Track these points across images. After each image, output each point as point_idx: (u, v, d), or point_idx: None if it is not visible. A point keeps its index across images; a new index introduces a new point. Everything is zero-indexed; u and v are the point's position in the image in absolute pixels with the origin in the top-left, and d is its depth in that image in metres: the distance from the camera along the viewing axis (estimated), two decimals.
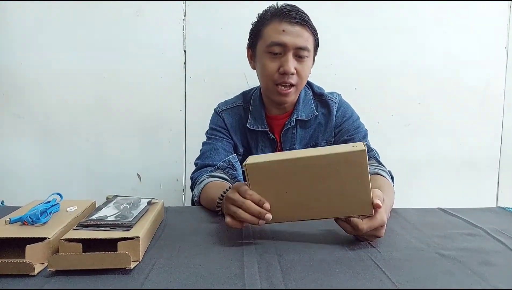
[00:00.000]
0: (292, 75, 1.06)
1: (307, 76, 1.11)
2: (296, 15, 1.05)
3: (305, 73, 1.09)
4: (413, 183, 1.76)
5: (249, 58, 1.18)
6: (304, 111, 1.17)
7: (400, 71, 1.73)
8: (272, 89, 1.09)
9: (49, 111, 1.67)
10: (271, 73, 1.07)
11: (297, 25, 1.05)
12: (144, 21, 1.65)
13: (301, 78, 1.09)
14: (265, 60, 1.08)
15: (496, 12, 1.73)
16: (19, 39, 1.64)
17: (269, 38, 1.06)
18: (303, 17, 1.06)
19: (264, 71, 1.08)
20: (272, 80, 1.08)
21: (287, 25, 1.04)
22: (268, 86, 1.10)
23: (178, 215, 0.90)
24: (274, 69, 1.06)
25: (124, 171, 1.71)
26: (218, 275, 0.57)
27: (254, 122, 1.18)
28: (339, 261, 0.64)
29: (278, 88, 1.07)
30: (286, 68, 1.04)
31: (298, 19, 1.05)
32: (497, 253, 0.68)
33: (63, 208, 0.75)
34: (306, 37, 1.06)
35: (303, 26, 1.05)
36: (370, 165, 1.04)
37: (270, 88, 1.10)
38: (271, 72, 1.07)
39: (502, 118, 1.79)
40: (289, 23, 1.04)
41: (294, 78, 1.07)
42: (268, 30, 1.07)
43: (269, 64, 1.07)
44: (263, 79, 1.12)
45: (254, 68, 1.16)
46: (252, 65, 1.17)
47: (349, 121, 1.18)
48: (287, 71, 1.04)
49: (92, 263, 0.57)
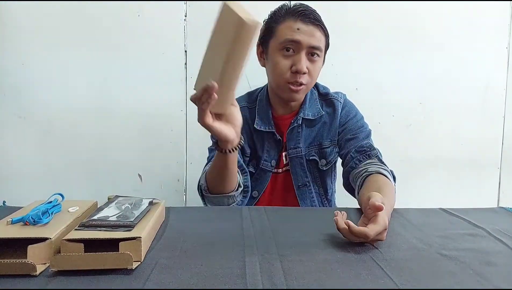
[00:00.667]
0: (304, 74, 1.06)
1: (317, 76, 1.12)
2: (311, 14, 1.06)
3: (316, 73, 1.10)
4: (414, 183, 1.76)
5: (258, 55, 1.18)
6: (310, 110, 1.17)
7: (401, 72, 1.73)
8: (284, 86, 1.09)
9: (50, 111, 1.67)
10: (283, 71, 1.07)
11: (311, 25, 1.05)
12: (145, 21, 1.65)
13: (312, 78, 1.09)
14: (278, 57, 1.08)
15: (497, 12, 1.73)
16: (19, 40, 1.64)
17: (283, 36, 1.06)
18: (317, 17, 1.07)
19: (276, 69, 1.08)
20: (284, 78, 1.08)
21: (301, 23, 1.05)
22: (279, 84, 1.10)
23: (179, 215, 0.90)
24: (287, 67, 1.06)
25: (126, 171, 1.71)
26: (219, 275, 0.57)
27: (261, 122, 1.18)
28: (341, 261, 0.64)
29: (289, 85, 1.08)
30: (298, 67, 1.05)
31: (312, 19, 1.06)
32: (499, 253, 0.68)
33: (65, 208, 0.75)
34: (319, 37, 1.07)
35: (317, 26, 1.06)
36: (372, 164, 1.05)
37: (281, 85, 1.10)
38: (283, 70, 1.07)
39: (504, 118, 1.79)
40: (303, 22, 1.05)
41: (305, 78, 1.07)
42: (282, 28, 1.07)
43: (281, 61, 1.07)
44: (274, 77, 1.11)
45: (264, 66, 1.16)
46: (262, 62, 1.17)
47: (353, 120, 1.18)
48: (299, 70, 1.05)
49: (94, 263, 0.57)
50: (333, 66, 1.70)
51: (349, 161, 1.10)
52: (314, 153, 1.19)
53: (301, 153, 1.18)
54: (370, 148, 1.10)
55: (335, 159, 1.22)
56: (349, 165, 1.10)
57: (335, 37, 1.69)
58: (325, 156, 1.20)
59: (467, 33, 1.73)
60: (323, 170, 1.21)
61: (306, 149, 1.19)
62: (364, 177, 1.01)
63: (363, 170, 1.04)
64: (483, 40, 1.74)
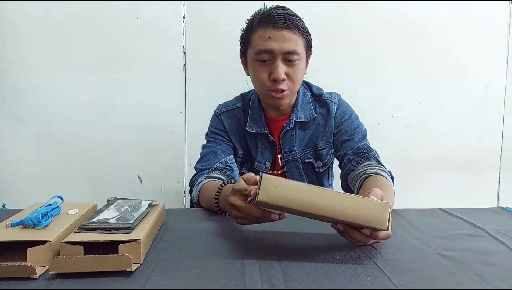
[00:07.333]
0: (283, 81, 1.05)
1: (300, 79, 1.10)
2: (283, 19, 1.02)
3: (297, 77, 1.07)
4: (413, 183, 1.76)
5: (243, 65, 1.17)
6: (302, 112, 1.17)
7: (400, 72, 1.73)
8: (266, 94, 1.09)
9: (49, 114, 1.68)
10: (262, 80, 1.07)
11: (283, 30, 1.02)
12: (143, 22, 1.65)
13: (294, 82, 1.07)
14: (256, 67, 1.07)
15: (496, 11, 1.73)
16: (19, 43, 1.64)
17: (256, 46, 1.05)
18: (290, 19, 1.03)
19: (256, 79, 1.09)
20: (265, 87, 1.07)
21: (272, 30, 1.02)
22: (262, 92, 1.11)
23: (179, 217, 0.90)
24: (265, 76, 1.06)
25: (125, 173, 1.71)
26: (219, 277, 0.57)
27: (254, 124, 1.18)
28: (340, 262, 0.64)
29: (272, 93, 1.07)
30: (275, 75, 1.03)
31: (284, 23, 1.02)
32: (498, 254, 0.68)
33: (64, 211, 0.76)
34: (294, 40, 1.03)
35: (290, 30, 1.02)
36: (370, 166, 1.05)
37: (264, 94, 1.11)
38: (262, 80, 1.07)
39: (503, 118, 1.79)
40: (274, 28, 1.02)
41: (285, 84, 1.06)
42: (255, 37, 1.05)
43: (259, 72, 1.06)
44: (256, 86, 1.12)
45: (248, 74, 1.16)
46: (246, 72, 1.16)
47: (348, 121, 1.17)
48: (277, 78, 1.04)
49: (94, 266, 0.57)
50: (332, 67, 1.71)
51: (347, 163, 1.10)
52: (309, 155, 1.19)
53: (296, 156, 1.18)
54: (368, 149, 1.10)
55: (331, 160, 1.22)
56: (347, 168, 1.10)
57: (334, 37, 1.71)
58: (321, 158, 1.20)
59: (467, 33, 1.73)
60: (319, 172, 1.21)
61: (301, 152, 1.19)
62: (363, 179, 1.01)
63: (361, 172, 1.04)
64: (482, 40, 1.74)
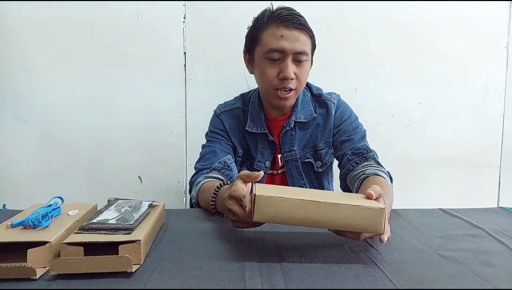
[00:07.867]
0: (292, 80, 1.06)
1: (306, 79, 1.12)
2: (294, 19, 1.04)
3: (304, 77, 1.09)
4: (413, 183, 1.76)
5: (246, 63, 1.17)
6: (302, 113, 1.17)
7: (400, 72, 1.73)
8: (272, 94, 1.09)
9: (49, 114, 1.67)
10: (271, 79, 1.07)
11: (294, 30, 1.04)
12: (144, 23, 1.65)
13: (300, 82, 1.09)
14: (264, 66, 1.07)
15: (496, 11, 1.73)
16: (19, 43, 1.64)
17: (267, 44, 1.05)
18: (300, 20, 1.05)
19: (264, 77, 1.08)
20: (272, 86, 1.08)
21: (284, 30, 1.03)
22: (268, 91, 1.11)
23: (179, 217, 0.91)
24: (274, 74, 1.06)
25: (125, 173, 1.71)
26: (219, 277, 0.57)
27: (253, 124, 1.18)
28: (340, 262, 0.64)
29: (278, 92, 1.08)
30: (286, 74, 1.04)
31: (295, 23, 1.04)
32: (498, 254, 0.68)
33: (64, 211, 0.76)
34: (304, 41, 1.05)
35: (301, 30, 1.04)
36: (369, 166, 1.05)
37: (270, 93, 1.10)
38: (271, 78, 1.07)
39: (503, 117, 1.79)
40: (286, 27, 1.03)
41: (294, 83, 1.07)
42: (266, 35, 1.06)
43: (268, 70, 1.07)
44: (262, 84, 1.12)
45: (252, 73, 1.16)
46: (250, 70, 1.17)
47: (348, 121, 1.18)
48: (287, 77, 1.04)
49: (94, 266, 0.57)
50: (332, 67, 1.71)
51: (346, 163, 1.11)
52: (309, 155, 1.20)
53: (296, 156, 1.19)
54: (367, 150, 1.10)
55: (330, 160, 1.23)
56: (346, 168, 1.10)
57: (334, 38, 1.71)
58: (320, 158, 1.20)
59: (466, 33, 1.73)
60: (319, 171, 1.21)
61: (300, 152, 1.19)
62: (361, 180, 1.01)
63: (360, 172, 1.04)
64: (482, 40, 1.74)
